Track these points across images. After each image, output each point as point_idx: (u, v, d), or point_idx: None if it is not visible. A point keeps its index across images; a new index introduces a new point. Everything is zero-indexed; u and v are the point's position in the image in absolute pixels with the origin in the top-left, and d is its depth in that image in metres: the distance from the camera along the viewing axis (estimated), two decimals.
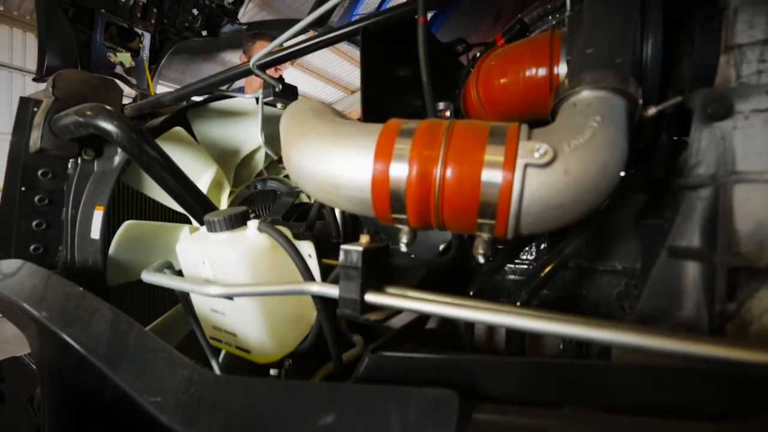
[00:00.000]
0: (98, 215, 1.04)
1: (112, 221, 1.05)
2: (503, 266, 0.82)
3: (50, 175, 1.10)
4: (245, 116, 1.31)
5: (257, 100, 1.08)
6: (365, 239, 0.63)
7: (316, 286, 0.66)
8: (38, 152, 1.02)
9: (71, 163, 1.13)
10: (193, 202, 1.04)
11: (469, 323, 0.78)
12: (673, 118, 0.64)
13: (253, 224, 0.74)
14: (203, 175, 1.19)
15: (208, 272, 0.75)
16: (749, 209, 0.51)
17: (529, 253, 0.83)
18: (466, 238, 0.78)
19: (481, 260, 0.56)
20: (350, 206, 0.59)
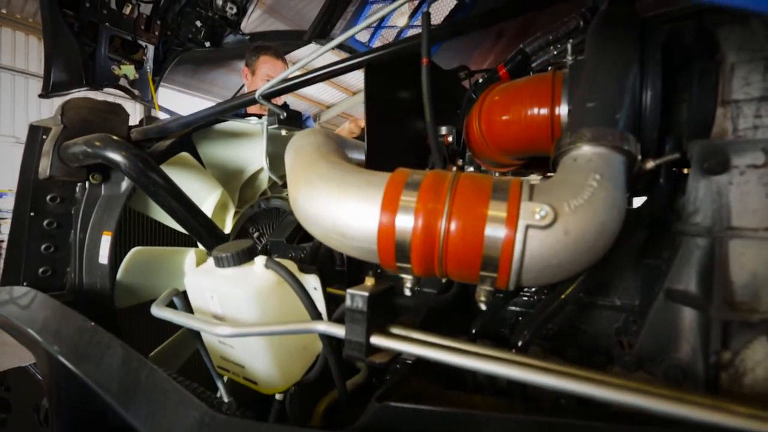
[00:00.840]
0: (106, 240, 1.05)
1: (119, 246, 1.07)
2: (505, 305, 0.83)
3: (58, 199, 1.12)
4: (249, 137, 1.32)
5: (262, 126, 1.10)
6: (370, 282, 0.65)
7: (322, 325, 0.67)
8: (47, 179, 1.04)
9: (79, 186, 1.15)
10: (198, 227, 1.06)
11: None
12: (671, 162, 0.65)
13: (260, 260, 0.76)
14: (209, 197, 1.21)
15: (216, 307, 0.76)
16: (744, 263, 0.53)
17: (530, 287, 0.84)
18: None
19: (483, 307, 0.58)
20: (355, 253, 0.61)
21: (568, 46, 0.72)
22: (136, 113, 7.22)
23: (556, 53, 0.99)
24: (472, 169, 1.06)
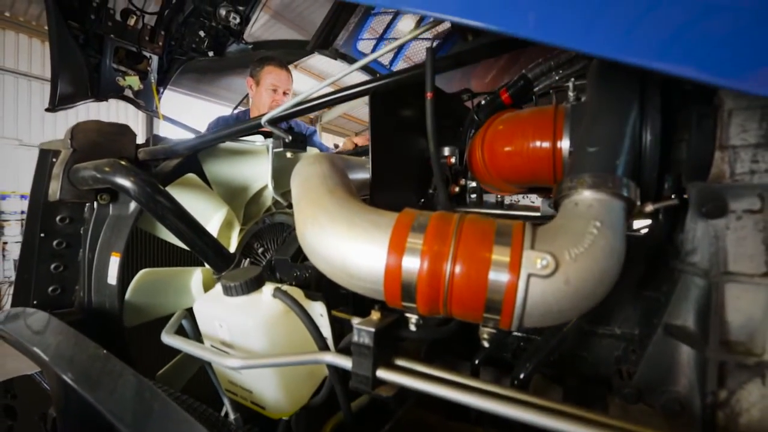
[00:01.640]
0: (114, 261, 1.07)
1: (128, 266, 1.09)
2: (507, 338, 0.85)
3: (67, 220, 1.14)
4: (254, 155, 1.34)
5: (267, 148, 1.12)
6: (376, 315, 0.67)
7: (329, 356, 0.69)
8: (57, 201, 1.06)
9: (87, 207, 1.17)
10: (205, 247, 1.07)
11: None
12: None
13: (268, 290, 0.77)
14: (214, 216, 1.23)
15: (225, 335, 0.78)
16: (740, 306, 0.54)
17: None
18: None
19: (485, 345, 0.60)
20: (361, 291, 0.63)
21: (570, 84, 0.73)
22: (138, 121, 7.27)
23: (558, 78, 1.01)
24: (474, 184, 1.08)
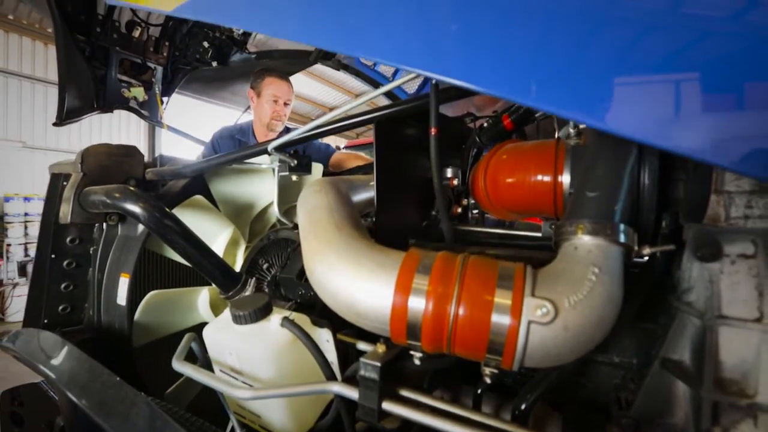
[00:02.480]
0: (124, 282, 1.10)
1: (137, 286, 1.11)
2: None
3: (78, 240, 1.16)
4: (259, 173, 1.36)
5: (273, 171, 1.14)
6: (381, 349, 0.69)
7: (336, 386, 0.72)
8: (68, 224, 1.08)
9: (96, 227, 1.19)
10: (212, 268, 1.10)
11: None
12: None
13: (276, 319, 0.80)
14: (220, 235, 1.25)
15: (234, 362, 0.81)
16: (733, 348, 0.56)
17: None
18: None
19: (488, 381, 0.62)
20: (368, 328, 0.65)
21: (570, 126, 0.75)
22: (140, 127, 7.29)
23: None
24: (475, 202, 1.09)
